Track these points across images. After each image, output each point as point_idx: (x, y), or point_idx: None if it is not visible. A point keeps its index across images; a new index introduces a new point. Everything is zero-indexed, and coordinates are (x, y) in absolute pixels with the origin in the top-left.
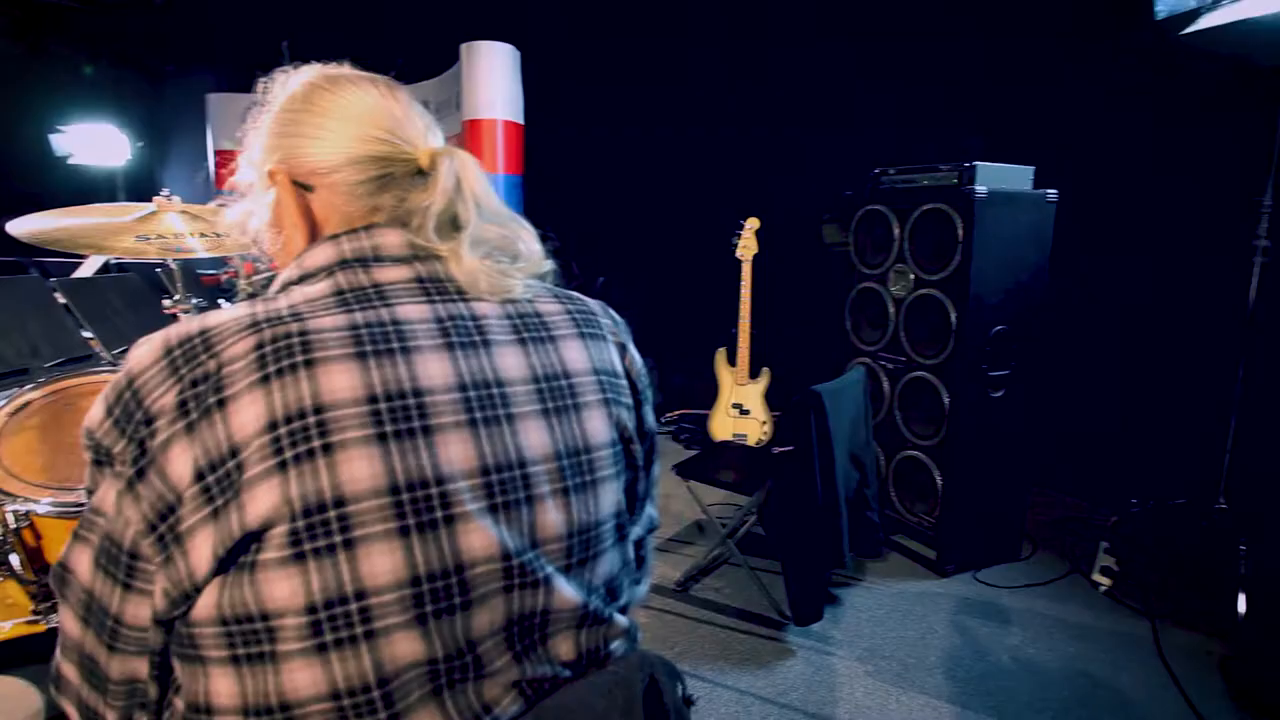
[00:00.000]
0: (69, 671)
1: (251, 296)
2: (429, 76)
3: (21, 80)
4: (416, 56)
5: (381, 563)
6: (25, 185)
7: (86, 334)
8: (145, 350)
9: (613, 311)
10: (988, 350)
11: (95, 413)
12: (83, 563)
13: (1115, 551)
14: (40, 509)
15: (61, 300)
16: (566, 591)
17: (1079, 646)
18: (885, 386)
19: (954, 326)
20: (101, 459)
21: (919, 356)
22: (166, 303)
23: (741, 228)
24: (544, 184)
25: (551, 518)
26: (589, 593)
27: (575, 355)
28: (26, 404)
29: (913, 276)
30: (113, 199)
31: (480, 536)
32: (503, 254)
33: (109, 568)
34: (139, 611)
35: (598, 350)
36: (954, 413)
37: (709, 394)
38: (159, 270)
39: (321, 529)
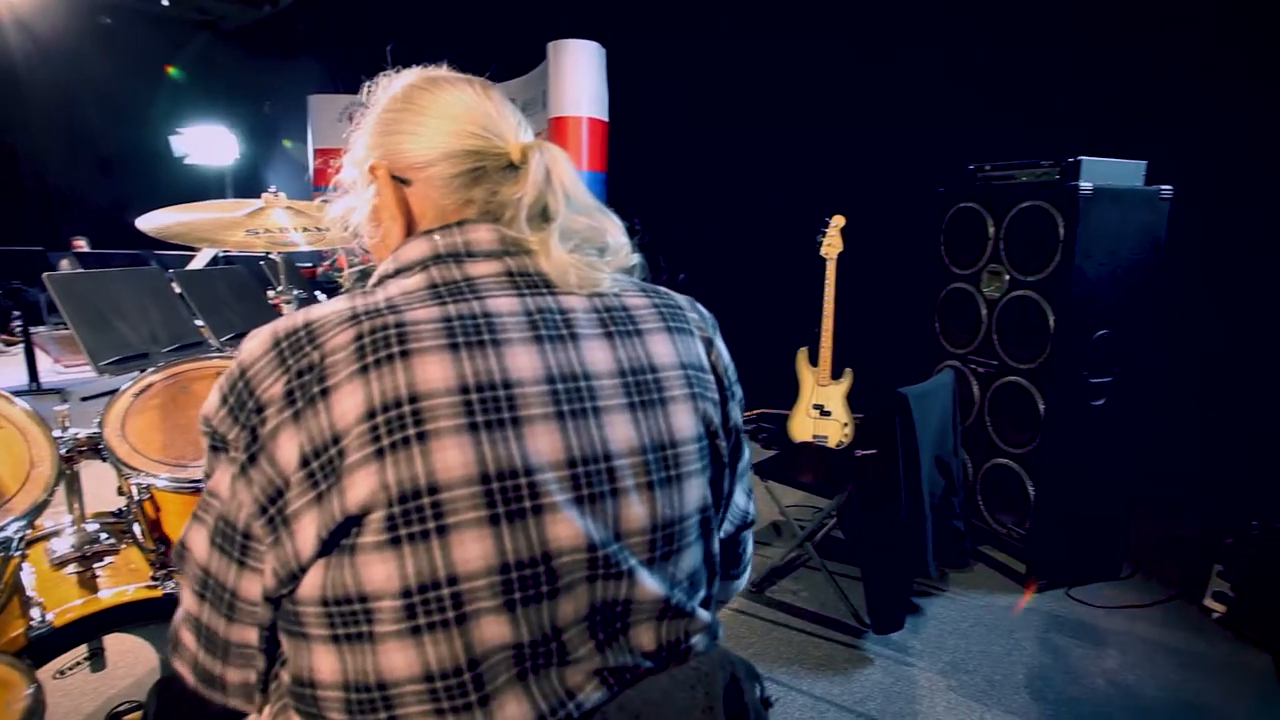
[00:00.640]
0: (187, 639)
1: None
2: (516, 75)
3: (145, 86)
4: (503, 56)
5: (473, 549)
6: (146, 184)
7: (198, 322)
8: (255, 343)
9: (700, 306)
10: (1089, 356)
11: (211, 401)
12: (199, 542)
13: (1230, 576)
14: (159, 483)
15: (177, 290)
16: (649, 584)
17: (1185, 675)
18: (975, 391)
19: (1052, 330)
20: (217, 444)
21: (1013, 361)
22: (271, 294)
23: (827, 225)
24: (628, 180)
25: (635, 511)
26: (671, 586)
27: (662, 349)
28: (149, 386)
29: (1008, 277)
30: (221, 196)
31: (566, 527)
32: (591, 246)
33: (225, 546)
34: (252, 587)
35: (684, 345)
36: (1050, 420)
37: (789, 394)
38: (262, 263)
39: (416, 515)
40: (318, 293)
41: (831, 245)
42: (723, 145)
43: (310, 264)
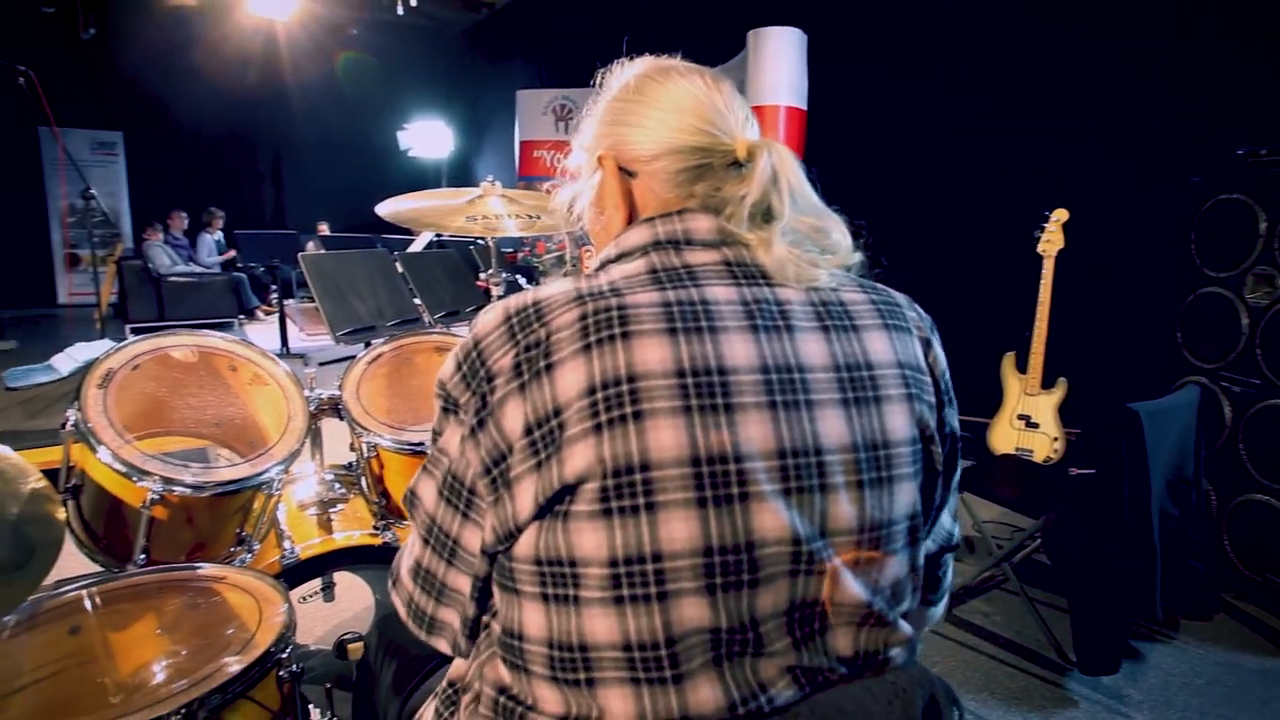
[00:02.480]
0: (406, 578)
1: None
2: (715, 65)
3: (379, 86)
4: (704, 45)
5: (679, 529)
6: (375, 175)
7: (416, 300)
8: (489, 317)
9: (918, 306)
10: None
11: (447, 367)
12: (429, 493)
13: None
14: (384, 443)
15: (399, 270)
16: (852, 587)
17: None
18: (1226, 412)
19: None
20: (449, 407)
21: None
22: (481, 276)
23: (1046, 219)
24: (826, 170)
25: (844, 509)
26: (874, 592)
27: (879, 346)
28: (379, 355)
29: None
30: (437, 185)
31: (772, 518)
32: (813, 245)
33: (451, 499)
34: (472, 539)
35: (902, 343)
36: None
37: (990, 401)
38: (471, 247)
39: (628, 490)
40: (518, 276)
41: (1051, 241)
42: (930, 133)
43: (512, 249)
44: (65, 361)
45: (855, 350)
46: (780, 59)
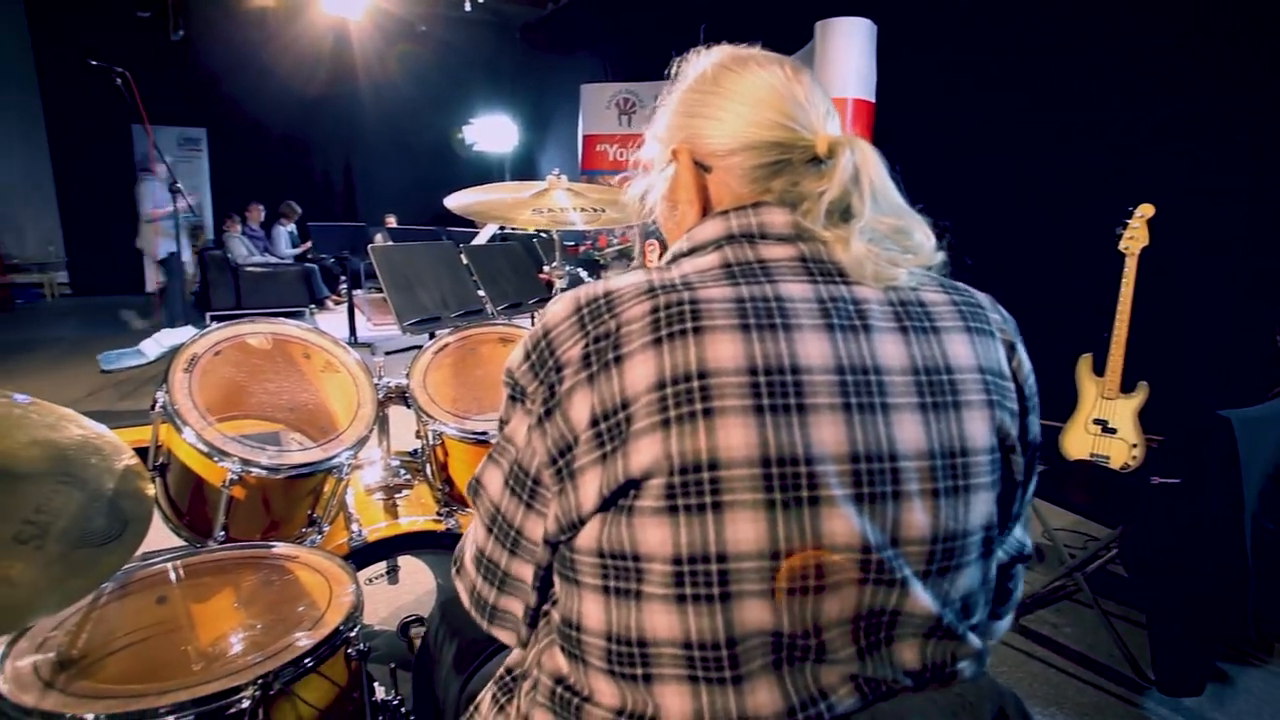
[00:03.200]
0: (469, 565)
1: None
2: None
3: (445, 81)
4: (771, 37)
5: (745, 530)
6: (439, 169)
7: (480, 292)
8: (559, 307)
9: (1002, 307)
10: None
11: (516, 356)
12: (494, 481)
13: None
14: (449, 431)
15: (464, 262)
16: (922, 598)
17: None
18: None
19: None
20: (516, 396)
21: None
22: (546, 269)
23: (1129, 215)
24: (892, 162)
25: (917, 518)
26: (944, 604)
27: (960, 350)
28: (445, 345)
29: None
30: (501, 179)
31: (842, 524)
32: (893, 245)
33: (515, 488)
34: (535, 529)
35: (984, 347)
36: None
37: (1062, 404)
38: (534, 240)
39: (694, 488)
40: (580, 269)
41: (1134, 239)
42: (1003, 126)
43: (574, 242)
44: (153, 346)
45: (935, 353)
46: (849, 50)
